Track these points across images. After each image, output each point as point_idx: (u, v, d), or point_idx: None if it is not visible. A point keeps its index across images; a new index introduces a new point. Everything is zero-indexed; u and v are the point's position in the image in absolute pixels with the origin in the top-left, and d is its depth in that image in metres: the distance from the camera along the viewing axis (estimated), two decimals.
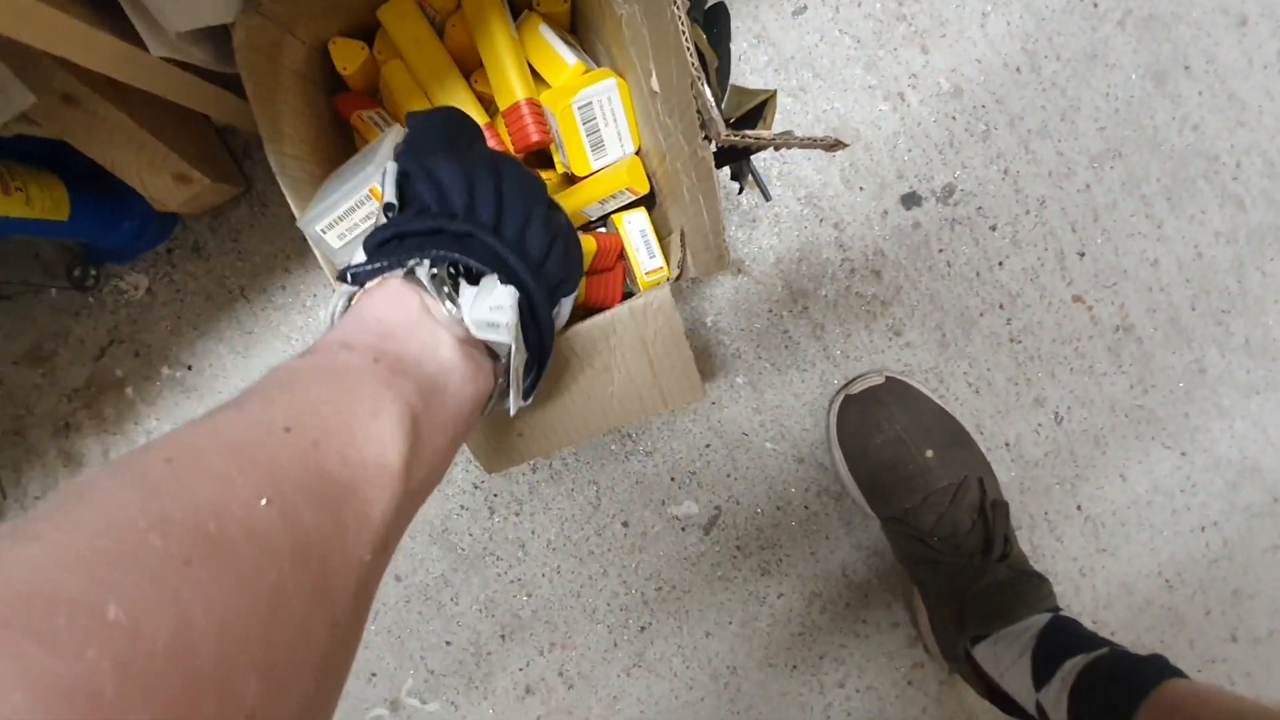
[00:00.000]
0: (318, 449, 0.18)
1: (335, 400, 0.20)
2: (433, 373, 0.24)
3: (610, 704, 0.63)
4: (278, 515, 0.16)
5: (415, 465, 0.21)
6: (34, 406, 0.58)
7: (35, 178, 0.46)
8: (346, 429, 0.19)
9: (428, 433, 0.22)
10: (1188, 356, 0.61)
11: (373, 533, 0.18)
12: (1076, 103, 0.58)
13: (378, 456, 0.20)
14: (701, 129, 0.32)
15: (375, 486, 0.19)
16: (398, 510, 0.20)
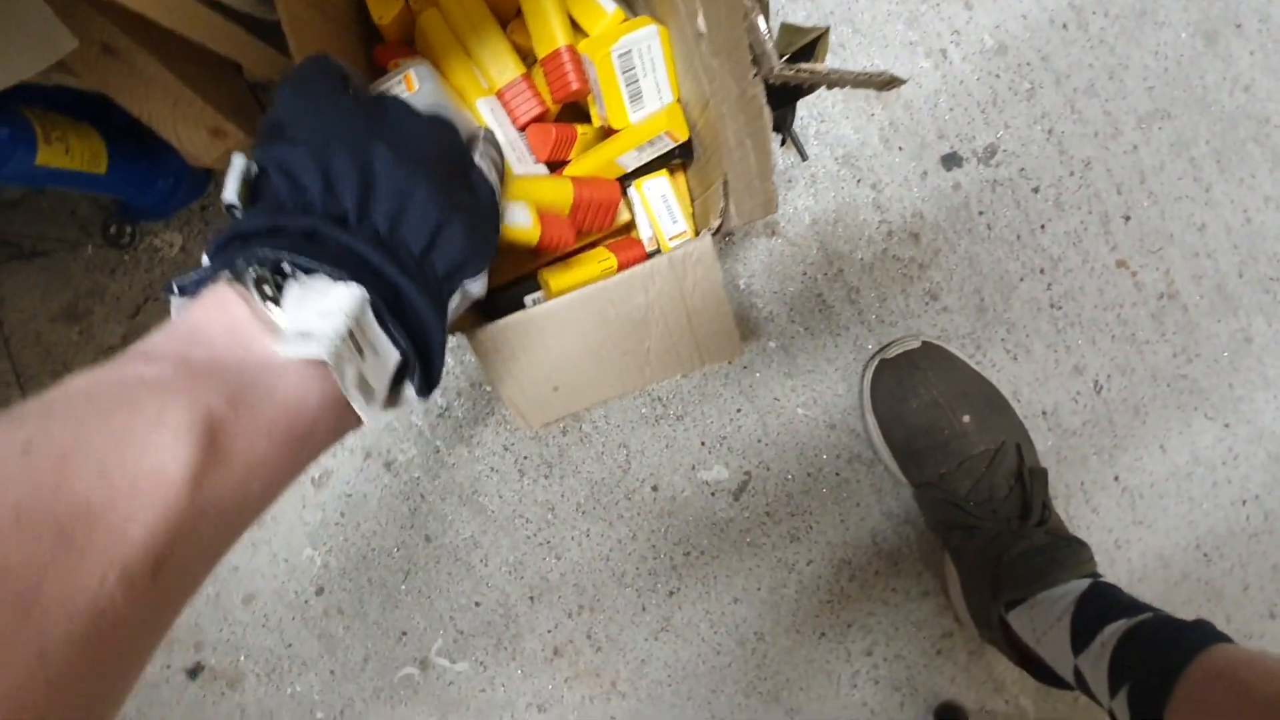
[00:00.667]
0: (64, 467, 0.16)
1: (111, 413, 0.18)
2: (251, 376, 0.22)
3: (638, 667, 0.63)
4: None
5: (214, 473, 0.19)
6: (71, 364, 0.58)
7: (74, 129, 0.46)
8: (115, 442, 0.17)
9: (238, 438, 0.20)
10: (1233, 325, 0.59)
11: (125, 551, 0.17)
12: (1125, 61, 0.56)
13: (152, 467, 0.18)
14: (753, 64, 0.31)
15: (141, 500, 0.17)
16: (180, 525, 0.18)
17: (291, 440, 0.22)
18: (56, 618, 0.15)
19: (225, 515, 0.20)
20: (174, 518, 0.18)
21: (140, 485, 0.17)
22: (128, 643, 0.17)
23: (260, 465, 0.21)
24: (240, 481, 0.20)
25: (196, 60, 0.49)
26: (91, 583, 0.16)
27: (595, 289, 0.40)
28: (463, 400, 0.59)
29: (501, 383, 0.43)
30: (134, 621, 0.17)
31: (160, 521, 0.17)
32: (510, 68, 0.44)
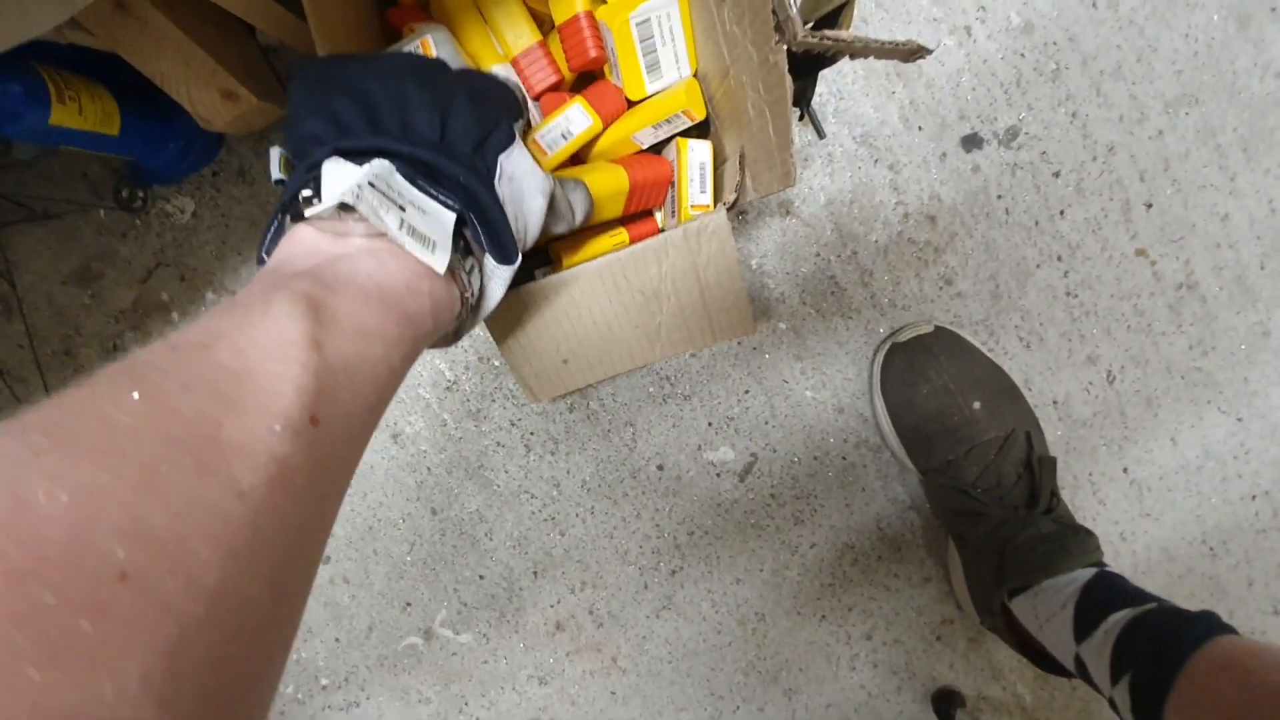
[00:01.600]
0: (206, 351, 0.19)
1: (230, 315, 0.21)
2: (331, 266, 0.25)
3: (639, 644, 0.64)
4: (150, 403, 0.17)
5: (328, 336, 0.21)
6: (82, 326, 0.58)
7: (87, 88, 0.45)
8: (239, 329, 0.20)
9: (338, 308, 0.23)
10: (1252, 318, 0.59)
11: (281, 405, 0.19)
12: (1154, 43, 0.55)
13: (273, 339, 0.20)
14: (776, 30, 0.30)
15: (277, 361, 0.20)
16: (317, 379, 0.20)
17: (386, 306, 0.24)
18: (243, 462, 0.17)
19: (353, 375, 0.22)
20: (310, 374, 0.20)
21: (272, 353, 0.20)
22: (306, 490, 0.19)
23: (367, 331, 0.23)
24: (355, 345, 0.22)
25: (210, 21, 0.48)
26: (262, 432, 0.18)
27: (608, 260, 0.40)
28: (470, 374, 0.59)
29: (510, 353, 0.43)
30: (308, 469, 0.19)
31: (299, 377, 0.20)
32: (527, 34, 0.44)
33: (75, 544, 0.14)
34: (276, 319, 0.21)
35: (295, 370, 0.20)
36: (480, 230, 0.29)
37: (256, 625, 0.17)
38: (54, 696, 0.12)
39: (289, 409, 0.19)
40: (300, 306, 0.21)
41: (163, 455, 0.16)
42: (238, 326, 0.20)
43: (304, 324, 0.21)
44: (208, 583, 0.15)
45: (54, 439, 0.15)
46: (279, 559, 0.18)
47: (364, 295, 0.24)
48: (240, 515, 0.16)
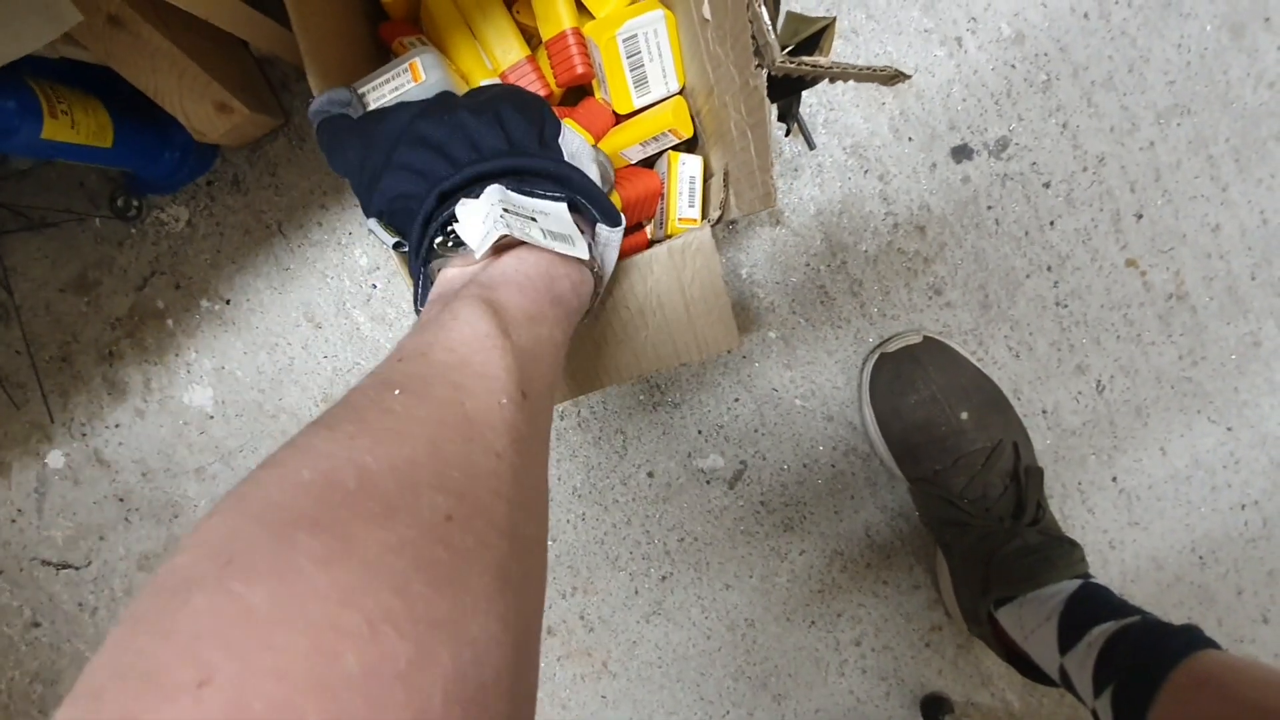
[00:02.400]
0: (426, 356, 0.23)
1: (427, 329, 0.25)
2: (487, 275, 0.28)
3: (629, 649, 0.65)
4: (410, 396, 0.21)
5: (511, 325, 0.25)
6: (79, 334, 0.59)
7: (81, 102, 0.46)
8: (443, 334, 0.24)
9: (507, 302, 0.26)
10: (1243, 328, 0.59)
11: (500, 383, 0.23)
12: (1146, 54, 0.55)
13: (471, 335, 0.24)
14: (755, 55, 0.30)
15: (482, 351, 0.23)
16: (519, 360, 0.24)
17: (539, 292, 0.28)
18: (491, 431, 0.21)
19: (536, 353, 0.26)
20: (510, 356, 0.24)
21: (475, 346, 0.23)
22: (535, 451, 0.23)
23: (533, 316, 0.27)
24: (529, 329, 0.26)
25: (203, 34, 0.48)
26: (495, 406, 0.22)
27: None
28: None
29: None
30: (529, 435, 0.23)
31: (502, 361, 0.23)
32: (515, 49, 0.44)
33: (409, 496, 0.17)
34: (468, 320, 0.24)
35: (497, 356, 0.23)
36: (589, 206, 0.32)
37: (534, 560, 0.21)
38: (436, 607, 0.15)
39: (507, 385, 0.23)
40: (479, 306, 0.25)
41: (437, 432, 0.20)
42: (441, 333, 0.24)
43: (489, 319, 0.25)
44: (501, 523, 0.19)
45: (359, 428, 0.19)
46: (533, 505, 0.22)
47: (520, 288, 0.28)
48: (503, 472, 0.20)
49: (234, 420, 0.60)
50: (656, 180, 0.45)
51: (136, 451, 0.61)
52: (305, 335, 0.59)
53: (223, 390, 0.60)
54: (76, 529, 0.63)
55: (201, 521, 0.16)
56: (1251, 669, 0.38)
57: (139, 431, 0.61)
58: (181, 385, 0.60)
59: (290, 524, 0.16)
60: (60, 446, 0.61)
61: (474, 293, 0.26)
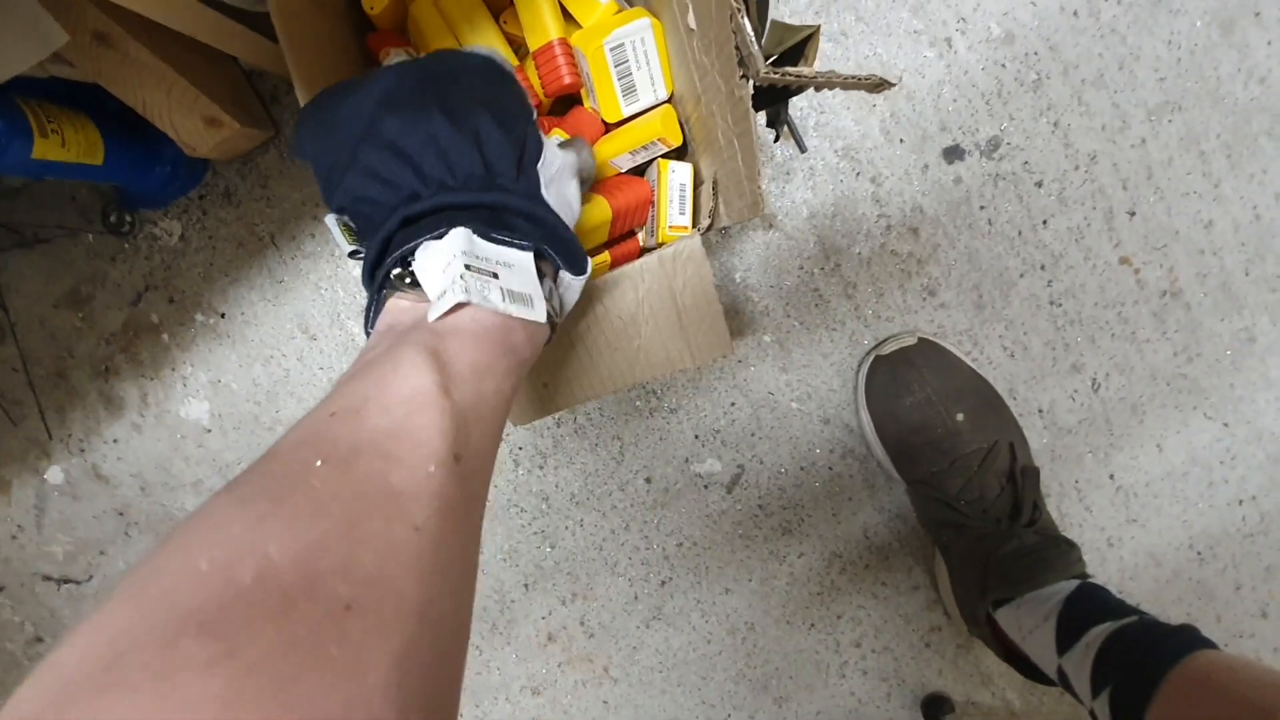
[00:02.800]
0: (360, 415, 0.22)
1: (367, 378, 0.24)
2: (438, 324, 0.27)
3: (630, 654, 0.65)
4: (333, 469, 0.20)
5: (455, 381, 0.24)
6: (74, 349, 0.59)
7: (70, 120, 0.46)
8: (379, 389, 0.23)
9: (454, 354, 0.25)
10: (1237, 324, 0.59)
11: (431, 449, 0.22)
12: (1136, 51, 0.54)
13: (410, 392, 0.23)
14: (740, 66, 0.30)
15: (417, 412, 0.23)
16: (456, 421, 0.23)
17: (492, 342, 0.27)
18: (414, 504, 0.20)
19: (478, 410, 0.25)
20: (447, 417, 0.23)
21: (413, 406, 0.23)
22: (463, 516, 0.23)
23: (481, 369, 0.26)
24: (474, 384, 0.25)
25: (191, 48, 0.48)
26: (421, 476, 0.21)
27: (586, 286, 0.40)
28: None
29: None
30: (457, 500, 0.22)
31: (439, 423, 0.23)
32: None
33: (308, 588, 0.17)
34: (407, 375, 0.24)
35: (434, 417, 0.23)
36: (556, 254, 0.31)
37: (450, 635, 0.20)
38: (322, 706, 0.15)
39: (438, 451, 0.22)
40: (423, 357, 0.24)
41: (356, 509, 0.19)
42: (377, 388, 0.23)
43: (431, 374, 0.24)
44: (412, 606, 0.18)
45: (271, 507, 0.19)
46: (455, 579, 0.21)
47: (473, 338, 0.27)
48: (422, 547, 0.20)
49: (231, 433, 0.60)
50: (647, 188, 0.45)
51: (134, 466, 0.61)
52: (300, 347, 0.59)
53: (219, 403, 0.60)
54: (77, 544, 0.63)
55: (96, 610, 0.16)
56: (1248, 669, 0.38)
57: (136, 446, 0.61)
58: (178, 399, 0.60)
59: (178, 625, 0.15)
60: (59, 462, 0.61)
61: (421, 339, 0.25)
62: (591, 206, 0.42)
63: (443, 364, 0.24)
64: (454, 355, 0.25)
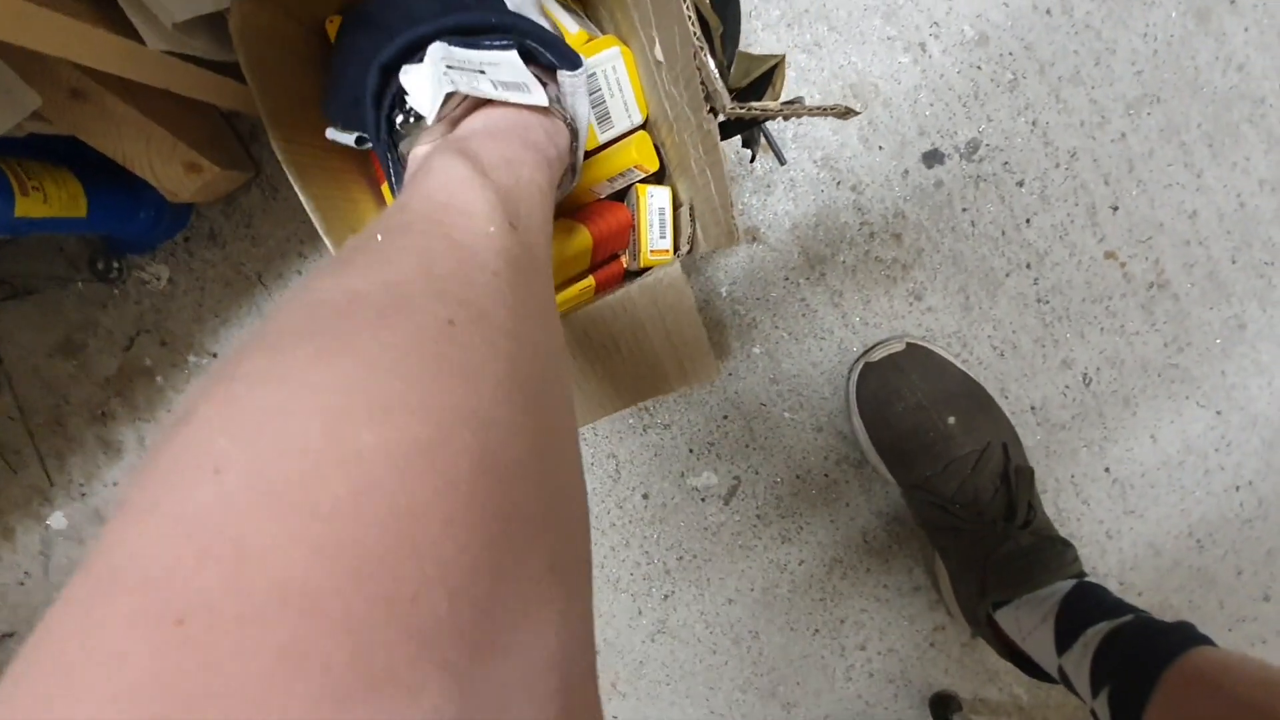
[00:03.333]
0: (405, 208, 0.23)
1: (408, 187, 0.25)
2: (457, 127, 0.29)
3: (636, 668, 0.65)
4: (393, 235, 0.21)
5: (489, 168, 0.25)
6: (70, 396, 0.60)
7: (51, 175, 0.46)
8: (421, 184, 0.24)
9: (480, 149, 0.26)
10: (1226, 312, 0.59)
11: (485, 216, 0.23)
12: (1112, 45, 0.54)
13: (448, 179, 0.24)
14: (706, 101, 0.30)
15: (461, 192, 0.23)
16: (501, 196, 0.24)
17: (511, 138, 0.28)
18: (484, 252, 0.21)
19: (518, 193, 0.26)
20: (491, 192, 0.24)
21: (455, 187, 0.24)
22: (533, 274, 0.23)
23: (509, 159, 0.27)
24: (506, 171, 0.26)
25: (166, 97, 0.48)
26: (484, 232, 0.22)
27: (569, 318, 0.41)
28: None
29: None
30: (524, 260, 0.23)
31: (485, 195, 0.23)
32: None
33: (405, 305, 0.17)
34: (443, 168, 0.24)
35: (478, 193, 0.23)
36: (543, 50, 0.32)
37: (551, 366, 0.21)
38: (451, 394, 0.15)
39: (492, 214, 0.23)
40: (453, 155, 0.25)
41: (427, 255, 0.20)
42: (418, 184, 0.24)
43: (464, 164, 0.24)
44: (507, 327, 0.19)
45: (343, 267, 0.19)
46: (541, 318, 0.22)
47: (491, 135, 0.28)
48: (501, 287, 0.20)
49: None
50: (626, 214, 0.45)
51: None
52: None
53: None
54: None
55: None
56: (1243, 665, 0.38)
57: None
58: None
59: (281, 337, 0.16)
60: (61, 508, 0.62)
61: (446, 145, 0.26)
62: (574, 237, 0.43)
63: (470, 156, 0.25)
64: (479, 149, 0.26)
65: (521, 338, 0.19)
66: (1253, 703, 0.36)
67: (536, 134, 0.29)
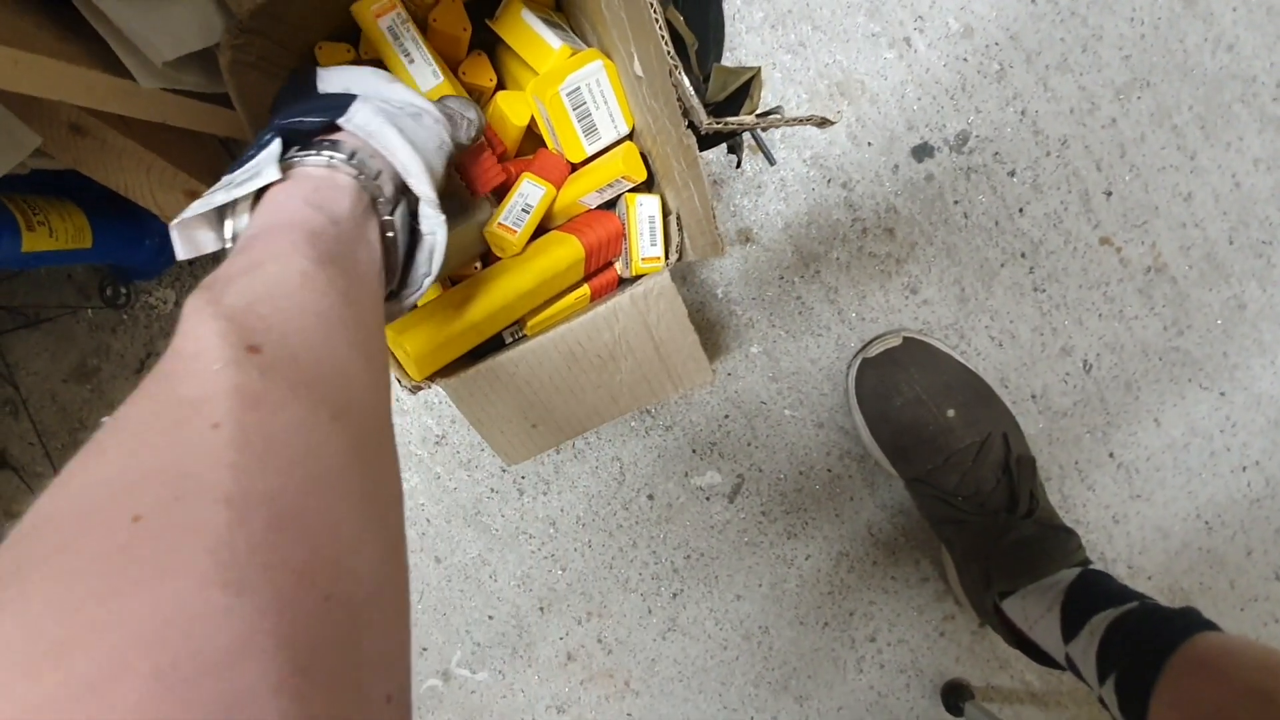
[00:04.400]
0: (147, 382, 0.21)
1: None
2: None
3: (649, 666, 0.66)
4: (115, 420, 0.19)
5: (221, 285, 0.23)
6: (86, 420, 0.61)
7: (56, 209, 0.47)
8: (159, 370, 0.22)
9: (223, 269, 0.24)
10: (1225, 293, 0.58)
11: (210, 350, 0.20)
12: (1099, 31, 0.54)
13: (179, 333, 0.22)
14: (684, 117, 0.31)
15: (189, 329, 0.21)
16: (232, 318, 0.22)
17: (263, 223, 0.26)
18: (206, 405, 0.19)
19: (257, 301, 0.23)
20: (215, 322, 0.21)
21: (183, 336, 0.21)
22: (285, 405, 0.20)
23: (255, 262, 0.24)
24: (249, 276, 0.23)
25: (164, 128, 0.50)
26: (209, 376, 0.19)
27: (562, 330, 0.41)
28: (458, 428, 0.61)
29: (481, 425, 0.44)
30: (274, 391, 0.20)
31: (210, 327, 0.21)
32: None
33: (88, 518, 0.15)
34: (183, 314, 0.22)
35: (205, 326, 0.21)
36: (308, 117, 0.30)
37: (304, 497, 0.18)
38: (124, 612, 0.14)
39: (220, 346, 0.20)
40: (195, 293, 0.22)
41: (137, 437, 0.18)
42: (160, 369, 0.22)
43: (197, 299, 0.22)
44: (220, 494, 0.16)
45: (62, 475, 0.17)
46: (295, 433, 0.19)
47: (244, 241, 0.25)
48: (224, 441, 0.18)
49: None
50: (616, 222, 0.46)
51: None
52: None
53: None
54: None
55: None
56: (1246, 651, 0.38)
57: None
58: None
59: None
60: None
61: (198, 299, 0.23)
62: (566, 248, 0.43)
63: (209, 283, 0.23)
64: (222, 271, 0.24)
65: (244, 500, 0.17)
66: (1256, 686, 0.36)
67: (290, 207, 0.26)
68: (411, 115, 0.33)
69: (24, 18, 0.35)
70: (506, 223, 0.43)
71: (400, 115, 0.32)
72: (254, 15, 0.37)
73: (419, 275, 0.33)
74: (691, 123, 0.30)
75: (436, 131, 0.34)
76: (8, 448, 0.62)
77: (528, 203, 0.43)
